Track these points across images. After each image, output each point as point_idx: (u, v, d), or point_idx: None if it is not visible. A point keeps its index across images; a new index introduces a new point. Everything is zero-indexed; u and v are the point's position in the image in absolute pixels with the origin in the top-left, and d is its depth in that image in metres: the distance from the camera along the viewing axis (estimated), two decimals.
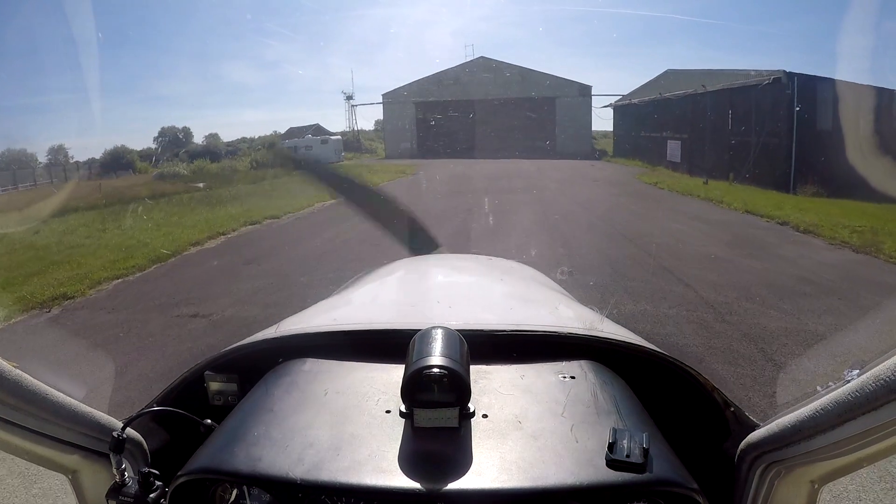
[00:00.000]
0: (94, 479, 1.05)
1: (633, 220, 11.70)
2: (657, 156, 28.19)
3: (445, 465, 0.89)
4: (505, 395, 1.06)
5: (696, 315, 5.73)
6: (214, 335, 5.55)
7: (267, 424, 1.00)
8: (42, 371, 0.93)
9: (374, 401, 1.05)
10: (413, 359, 0.97)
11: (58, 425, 0.95)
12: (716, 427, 1.18)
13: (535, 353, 1.21)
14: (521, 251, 8.21)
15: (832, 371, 3.93)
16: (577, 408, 1.02)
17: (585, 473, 0.86)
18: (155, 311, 6.54)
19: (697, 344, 4.98)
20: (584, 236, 9.96)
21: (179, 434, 1.21)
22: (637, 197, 15.95)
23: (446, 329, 1.06)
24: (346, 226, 10.61)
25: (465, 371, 0.97)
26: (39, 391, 0.90)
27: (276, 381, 1.15)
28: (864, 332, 5.14)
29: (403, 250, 3.31)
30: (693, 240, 9.50)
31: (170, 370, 4.40)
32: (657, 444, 0.92)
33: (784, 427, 0.94)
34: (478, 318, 1.50)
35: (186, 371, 1.27)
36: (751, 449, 1.04)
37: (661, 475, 0.86)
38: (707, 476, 1.00)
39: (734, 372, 4.37)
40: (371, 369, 1.16)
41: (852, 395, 0.78)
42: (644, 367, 1.23)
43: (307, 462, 0.89)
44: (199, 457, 0.95)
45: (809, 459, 0.91)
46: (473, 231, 10.48)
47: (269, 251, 9.85)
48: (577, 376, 1.13)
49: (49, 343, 5.74)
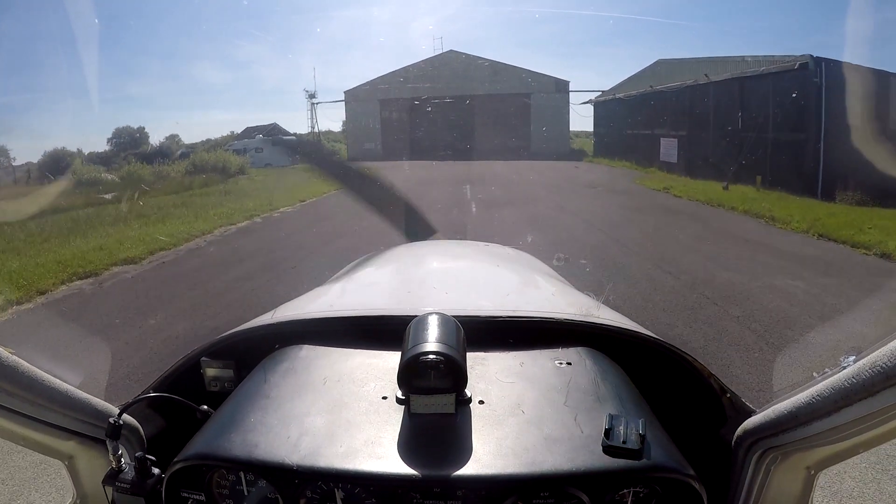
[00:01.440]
0: (90, 465, 1.05)
1: (690, 260, 7.77)
2: (647, 155, 25.35)
3: (442, 451, 0.89)
4: (501, 382, 1.06)
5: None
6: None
7: (263, 410, 0.99)
8: (38, 357, 0.91)
9: (371, 387, 1.05)
10: (409, 345, 0.96)
11: (54, 411, 0.95)
12: (712, 413, 1.17)
13: (531, 340, 1.20)
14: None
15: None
16: (574, 394, 1.02)
17: (582, 459, 0.86)
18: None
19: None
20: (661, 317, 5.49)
21: (176, 420, 1.21)
22: (659, 212, 12.48)
23: (443, 315, 1.05)
24: (235, 283, 6.80)
25: (462, 357, 0.95)
26: (36, 377, 0.90)
27: (272, 368, 1.14)
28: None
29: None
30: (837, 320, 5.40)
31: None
32: (654, 430, 0.93)
33: (780, 413, 0.93)
34: (474, 304, 1.45)
35: (182, 357, 1.26)
36: (747, 435, 1.03)
37: (657, 461, 0.86)
38: (703, 462, 0.99)
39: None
40: (367, 355, 1.15)
41: (849, 381, 0.77)
42: (641, 354, 1.22)
43: (304, 448, 0.89)
44: (196, 443, 0.94)
45: (806, 445, 0.90)
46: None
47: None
48: (574, 362, 1.13)
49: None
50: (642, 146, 26.31)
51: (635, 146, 27.25)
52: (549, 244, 8.41)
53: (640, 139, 26.73)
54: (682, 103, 22.93)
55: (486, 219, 11.09)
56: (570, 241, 9.05)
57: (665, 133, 24.18)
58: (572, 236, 9.55)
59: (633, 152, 27.33)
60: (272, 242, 10.05)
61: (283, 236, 10.68)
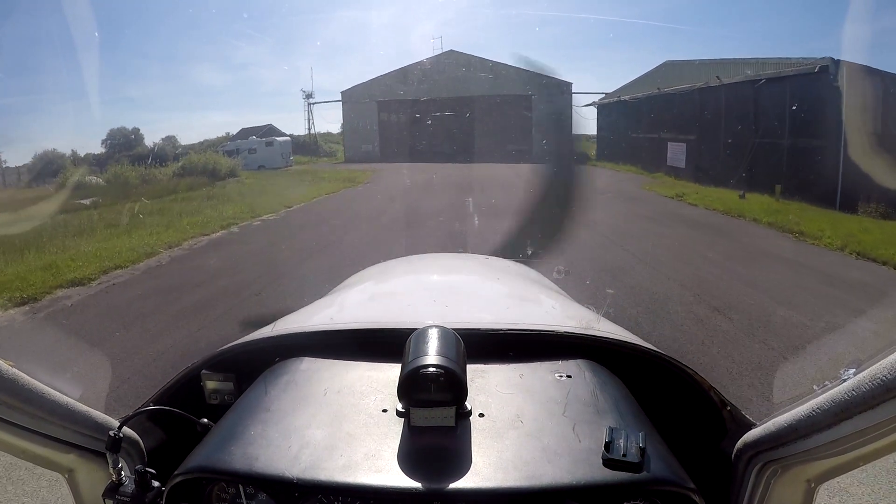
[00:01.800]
0: (90, 478, 1.04)
1: (733, 289, 6.67)
2: (653, 160, 24.42)
3: (442, 464, 0.89)
4: (501, 394, 1.06)
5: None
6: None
7: (264, 423, 0.99)
8: (38, 370, 0.91)
9: (371, 400, 1.05)
10: (409, 358, 0.96)
11: (54, 424, 0.94)
12: (712, 426, 1.16)
13: (531, 353, 1.20)
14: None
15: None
16: (574, 407, 1.01)
17: (582, 472, 0.85)
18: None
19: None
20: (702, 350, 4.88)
21: (176, 433, 1.20)
22: (678, 224, 11.56)
23: (443, 328, 1.05)
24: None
25: (462, 370, 0.95)
26: (36, 390, 0.89)
27: (272, 380, 1.13)
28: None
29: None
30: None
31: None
32: (654, 443, 0.92)
33: (780, 426, 0.92)
34: (474, 316, 1.46)
35: (183, 370, 1.25)
36: (747, 448, 1.03)
37: (657, 474, 0.85)
38: (704, 475, 0.99)
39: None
40: (368, 368, 1.15)
41: (849, 394, 0.77)
42: (641, 367, 1.21)
43: (304, 461, 0.89)
44: (196, 456, 0.94)
45: (806, 458, 0.90)
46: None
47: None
48: (574, 375, 1.12)
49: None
50: (648, 150, 25.38)
51: (640, 150, 26.34)
52: (566, 263, 7.24)
53: (646, 143, 25.79)
54: (692, 107, 21.98)
55: (495, 229, 9.98)
56: (589, 261, 8.03)
57: (673, 137, 23.22)
58: (592, 255, 8.46)
59: (638, 156, 26.41)
60: (241, 259, 9.01)
61: (257, 250, 9.70)
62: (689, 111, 22.13)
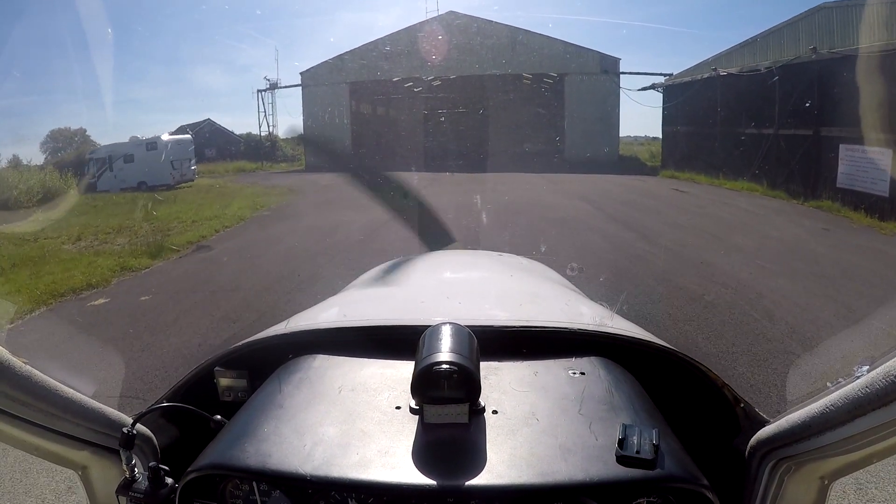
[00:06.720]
0: (104, 475, 1.05)
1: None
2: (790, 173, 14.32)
3: (455, 461, 0.89)
4: (515, 391, 1.06)
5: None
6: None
7: (277, 420, 0.99)
8: (51, 367, 0.90)
9: (384, 397, 1.05)
10: (423, 355, 0.96)
11: (68, 421, 0.94)
12: (726, 423, 1.17)
13: (545, 350, 1.20)
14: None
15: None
16: (588, 404, 1.02)
17: (596, 469, 0.86)
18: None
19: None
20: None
21: (189, 430, 1.21)
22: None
23: (456, 325, 1.05)
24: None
25: (475, 367, 0.96)
26: (50, 387, 0.89)
27: (286, 377, 1.14)
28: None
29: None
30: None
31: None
32: (667, 440, 0.92)
33: (794, 423, 0.92)
34: (488, 314, 1.46)
35: (196, 367, 1.26)
36: (761, 445, 1.03)
37: (671, 471, 0.86)
38: (717, 472, 0.98)
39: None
40: (381, 365, 1.16)
41: (862, 390, 0.76)
42: (654, 364, 1.22)
43: (317, 458, 0.89)
44: (209, 453, 0.95)
45: (819, 455, 0.90)
46: None
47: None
48: (588, 372, 1.13)
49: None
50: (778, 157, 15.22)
51: (753, 155, 16.22)
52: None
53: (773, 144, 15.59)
54: (874, 82, 11.74)
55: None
56: None
57: (847, 135, 12.88)
58: None
59: (746, 167, 16.27)
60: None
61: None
62: (873, 90, 11.89)
